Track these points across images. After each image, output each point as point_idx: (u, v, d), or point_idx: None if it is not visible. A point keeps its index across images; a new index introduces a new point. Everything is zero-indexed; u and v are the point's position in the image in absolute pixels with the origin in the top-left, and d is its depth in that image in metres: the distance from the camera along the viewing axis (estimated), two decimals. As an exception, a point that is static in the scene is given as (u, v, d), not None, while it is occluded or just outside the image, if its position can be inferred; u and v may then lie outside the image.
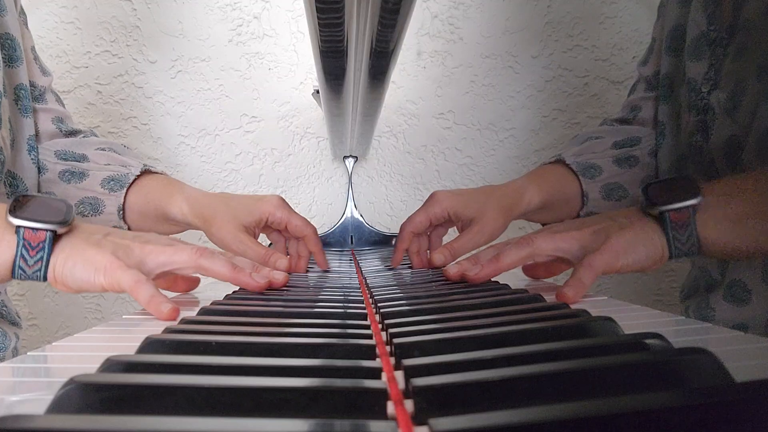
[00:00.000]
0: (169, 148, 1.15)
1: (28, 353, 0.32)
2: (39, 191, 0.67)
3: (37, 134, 0.69)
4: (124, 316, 0.44)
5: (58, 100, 0.76)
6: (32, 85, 0.69)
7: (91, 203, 0.66)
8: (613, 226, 0.47)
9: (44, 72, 0.72)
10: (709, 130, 0.60)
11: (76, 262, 0.43)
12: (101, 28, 1.13)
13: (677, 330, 0.32)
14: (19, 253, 0.42)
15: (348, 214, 1.12)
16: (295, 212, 0.63)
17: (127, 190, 0.66)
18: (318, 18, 0.44)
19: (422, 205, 0.65)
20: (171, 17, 1.14)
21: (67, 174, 0.68)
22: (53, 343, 0.34)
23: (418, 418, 0.20)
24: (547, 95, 1.20)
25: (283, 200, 0.64)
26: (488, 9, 1.18)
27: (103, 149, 0.71)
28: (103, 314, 1.17)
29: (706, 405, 0.17)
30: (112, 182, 0.66)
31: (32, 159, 0.67)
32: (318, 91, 0.91)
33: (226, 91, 1.16)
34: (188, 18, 1.14)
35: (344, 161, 1.14)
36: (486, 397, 0.20)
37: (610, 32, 1.19)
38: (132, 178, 0.66)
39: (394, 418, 0.20)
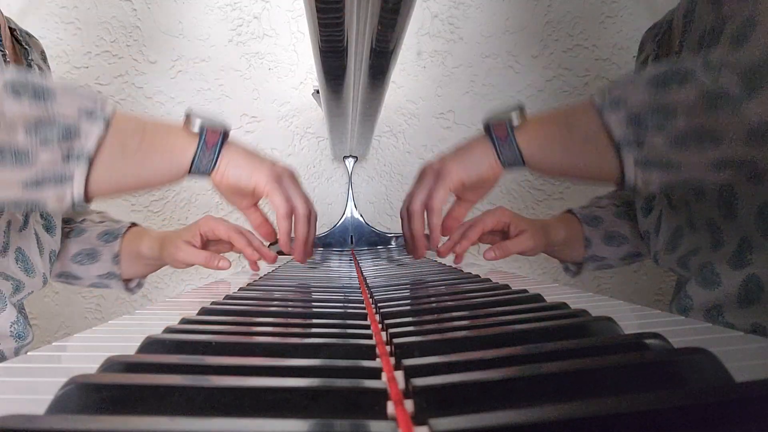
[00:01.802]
0: (169, 148, 1.15)
1: (29, 353, 0.32)
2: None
3: None
4: (123, 316, 0.44)
5: None
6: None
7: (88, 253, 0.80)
8: (450, 151, 0.54)
9: None
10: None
11: (240, 161, 0.51)
12: (101, 29, 1.13)
13: (677, 330, 0.32)
14: (198, 151, 0.49)
15: (348, 214, 1.12)
16: (223, 222, 0.77)
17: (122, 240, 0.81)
18: (318, 18, 0.44)
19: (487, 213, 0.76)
20: (171, 17, 1.14)
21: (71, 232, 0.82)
22: (53, 343, 0.34)
23: (418, 418, 0.20)
24: (547, 95, 1.20)
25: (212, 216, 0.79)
26: (488, 9, 1.18)
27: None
28: (103, 314, 1.17)
29: (706, 405, 0.17)
30: (106, 235, 0.81)
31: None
32: (318, 91, 0.91)
33: (226, 91, 1.17)
34: (188, 18, 1.14)
35: (344, 161, 1.14)
36: (486, 397, 0.20)
37: (610, 32, 1.19)
38: (123, 230, 0.82)
39: (394, 418, 0.20)
